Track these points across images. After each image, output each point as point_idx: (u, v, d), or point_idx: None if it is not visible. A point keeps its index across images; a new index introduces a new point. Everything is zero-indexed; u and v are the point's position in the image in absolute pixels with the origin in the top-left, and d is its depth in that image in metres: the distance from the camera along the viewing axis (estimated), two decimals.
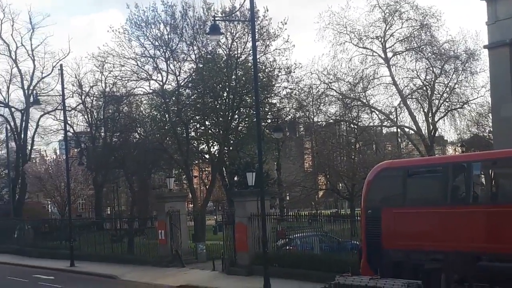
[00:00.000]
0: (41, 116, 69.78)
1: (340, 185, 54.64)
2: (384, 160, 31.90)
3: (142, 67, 45.26)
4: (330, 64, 53.91)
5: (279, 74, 44.77)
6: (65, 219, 55.46)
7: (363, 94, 54.64)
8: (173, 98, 45.46)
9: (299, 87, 47.47)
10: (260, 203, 29.67)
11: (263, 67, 45.16)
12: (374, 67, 54.89)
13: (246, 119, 49.01)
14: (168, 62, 45.05)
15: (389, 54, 54.44)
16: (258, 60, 45.29)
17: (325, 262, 29.43)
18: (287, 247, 33.47)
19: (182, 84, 45.69)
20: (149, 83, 45.88)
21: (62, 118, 69.07)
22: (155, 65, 45.04)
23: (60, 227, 56.47)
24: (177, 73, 45.56)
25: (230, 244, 35.32)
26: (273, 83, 46.09)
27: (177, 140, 44.34)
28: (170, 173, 44.32)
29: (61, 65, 46.49)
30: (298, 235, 33.61)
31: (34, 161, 66.03)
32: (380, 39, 54.25)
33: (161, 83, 45.34)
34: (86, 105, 64.61)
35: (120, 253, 45.77)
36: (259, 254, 33.14)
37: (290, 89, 46.29)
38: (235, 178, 53.73)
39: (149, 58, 45.08)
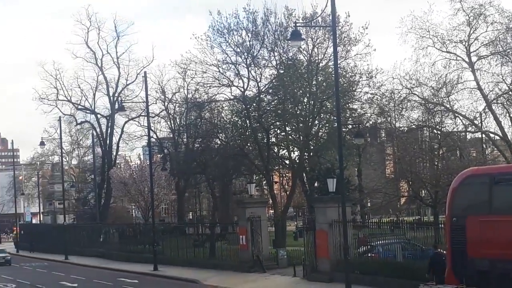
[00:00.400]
0: (126, 122, 71.64)
1: (423, 192, 53.68)
2: (469, 166, 31.21)
3: (224, 74, 45.72)
4: (412, 69, 53.00)
5: (360, 79, 44.46)
6: (149, 223, 56.59)
7: (447, 99, 53.48)
8: (254, 104, 45.70)
9: (380, 92, 46.97)
10: (341, 210, 29.47)
11: (344, 72, 44.90)
12: (458, 71, 53.62)
13: (327, 124, 48.82)
14: (250, 68, 45.38)
15: (474, 58, 53.13)
16: (339, 65, 45.17)
17: (408, 269, 29.03)
18: (369, 254, 33.17)
19: (263, 90, 45.88)
20: (231, 89, 46.34)
21: (145, 124, 70.78)
22: (236, 71, 45.45)
23: (144, 231, 57.58)
24: (258, 79, 45.84)
25: (311, 250, 35.23)
26: (354, 88, 45.76)
27: (257, 145, 44.48)
28: (251, 178, 44.45)
29: (145, 73, 47.51)
30: (380, 242, 33.18)
31: (118, 166, 67.53)
32: (464, 43, 53.02)
33: (242, 89, 45.68)
34: (169, 112, 65.96)
35: (202, 257, 46.26)
36: (340, 261, 32.90)
37: (372, 94, 45.90)
38: (315, 184, 53.61)
39: (230, 65, 45.57)
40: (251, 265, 40.07)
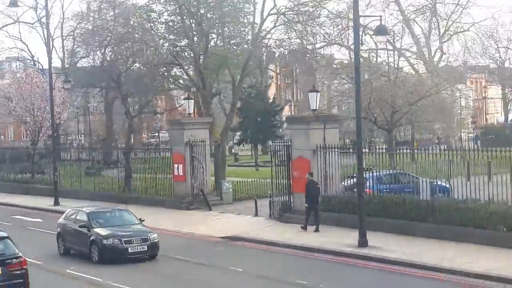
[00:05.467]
0: None
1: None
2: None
3: None
4: None
5: None
6: (41, 148, 47.82)
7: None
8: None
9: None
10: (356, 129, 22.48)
11: None
12: None
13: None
14: None
15: None
16: None
17: (418, 208, 22.90)
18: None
19: None
20: None
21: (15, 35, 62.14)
22: None
23: (30, 157, 48.22)
24: None
25: (282, 184, 27.84)
26: None
27: (192, 51, 35.12)
28: (189, 93, 35.56)
29: None
30: (373, 174, 26.13)
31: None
32: None
33: None
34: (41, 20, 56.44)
35: (117, 190, 37.78)
36: (325, 198, 26.01)
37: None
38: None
39: None
40: (190, 201, 32.34)
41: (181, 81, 40.91)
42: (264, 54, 38.81)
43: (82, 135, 79.92)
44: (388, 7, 54.96)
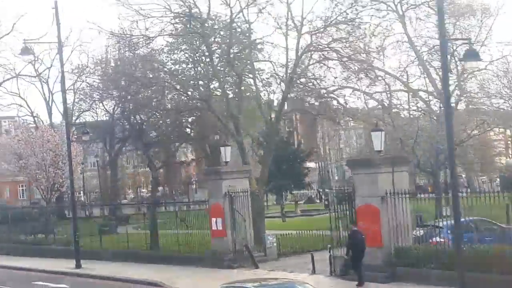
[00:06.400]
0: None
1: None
2: None
3: None
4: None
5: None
6: (51, 206, 44.63)
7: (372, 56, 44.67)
8: (221, 33, 33.24)
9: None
10: (449, 171, 19.49)
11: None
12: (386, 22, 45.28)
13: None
14: None
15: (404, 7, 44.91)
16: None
17: None
18: (435, 239, 23.25)
19: None
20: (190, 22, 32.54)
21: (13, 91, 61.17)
22: None
23: (40, 217, 45.02)
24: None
25: (344, 237, 24.71)
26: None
27: (224, 95, 32.08)
28: (226, 140, 32.33)
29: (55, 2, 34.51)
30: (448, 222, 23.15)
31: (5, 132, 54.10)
32: None
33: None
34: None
35: (145, 249, 34.50)
36: (400, 251, 22.96)
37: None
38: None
39: None
40: (232, 259, 29.09)
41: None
42: (310, 96, 35.81)
43: (82, 192, 77.20)
44: (401, 48, 53.27)
